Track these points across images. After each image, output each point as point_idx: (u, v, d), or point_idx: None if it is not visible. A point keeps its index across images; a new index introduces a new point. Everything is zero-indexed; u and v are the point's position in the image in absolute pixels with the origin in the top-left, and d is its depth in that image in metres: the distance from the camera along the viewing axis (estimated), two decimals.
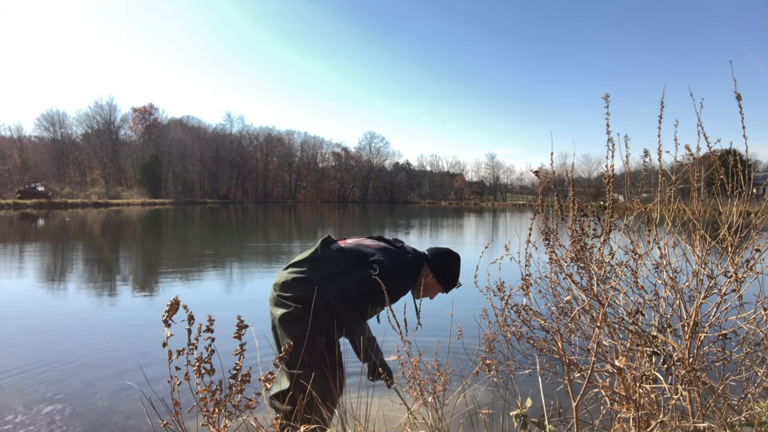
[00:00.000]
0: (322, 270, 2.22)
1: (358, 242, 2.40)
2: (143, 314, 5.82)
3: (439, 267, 2.43)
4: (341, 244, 2.36)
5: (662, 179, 1.92)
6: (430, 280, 2.43)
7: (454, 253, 2.48)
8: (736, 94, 1.64)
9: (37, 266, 9.82)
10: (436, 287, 2.46)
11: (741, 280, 1.65)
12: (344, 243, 2.39)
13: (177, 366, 1.26)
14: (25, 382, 3.56)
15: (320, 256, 2.27)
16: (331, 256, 2.27)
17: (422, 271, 2.43)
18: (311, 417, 1.97)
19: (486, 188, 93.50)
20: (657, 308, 1.87)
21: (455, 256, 2.47)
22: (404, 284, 2.34)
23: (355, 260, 2.28)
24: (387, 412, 2.51)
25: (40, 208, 38.56)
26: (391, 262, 2.28)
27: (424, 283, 2.43)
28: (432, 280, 2.43)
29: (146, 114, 72.85)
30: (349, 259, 2.28)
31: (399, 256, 2.34)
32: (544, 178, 2.01)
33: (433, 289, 2.47)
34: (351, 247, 2.34)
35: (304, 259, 2.28)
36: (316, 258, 2.27)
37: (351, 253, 2.31)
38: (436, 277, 2.43)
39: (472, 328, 2.25)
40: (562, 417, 2.06)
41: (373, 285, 2.03)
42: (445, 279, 2.43)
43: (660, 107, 1.76)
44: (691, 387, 1.60)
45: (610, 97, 1.76)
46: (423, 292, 2.45)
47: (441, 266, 2.44)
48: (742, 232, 1.73)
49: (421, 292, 2.44)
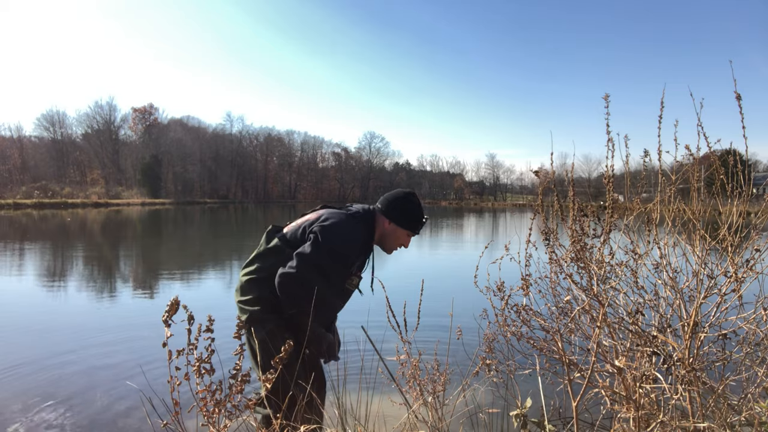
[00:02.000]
0: (272, 264, 2.10)
1: (301, 221, 2.24)
2: (143, 314, 5.82)
3: (393, 210, 2.26)
4: (285, 230, 2.24)
5: (662, 179, 1.92)
6: (388, 227, 2.27)
7: (406, 191, 2.36)
8: (736, 94, 1.64)
9: (37, 266, 9.81)
10: (399, 232, 2.28)
11: (741, 280, 1.65)
12: (288, 227, 2.25)
13: (177, 366, 1.26)
14: (25, 382, 3.56)
15: (265, 250, 2.18)
16: (275, 248, 2.16)
17: (377, 223, 2.28)
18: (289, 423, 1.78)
19: (486, 188, 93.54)
20: (657, 308, 1.87)
21: (408, 194, 2.32)
22: (353, 242, 2.16)
23: (299, 241, 2.15)
24: (387, 412, 2.50)
25: (41, 208, 38.55)
26: (331, 224, 2.12)
27: (386, 233, 2.28)
28: (391, 227, 2.27)
29: (146, 114, 72.93)
30: (293, 243, 2.15)
31: (340, 216, 2.19)
32: (544, 178, 2.01)
33: (398, 235, 2.29)
34: (293, 229, 2.20)
35: (254, 256, 2.19)
36: (261, 253, 2.18)
37: (293, 235, 2.17)
38: (394, 222, 2.26)
39: (472, 328, 2.25)
40: (562, 417, 2.06)
41: (317, 260, 1.96)
42: (403, 219, 2.26)
43: (660, 107, 1.76)
44: (691, 387, 1.60)
45: (610, 97, 1.77)
46: (391, 243, 2.30)
47: (394, 209, 2.26)
48: (742, 232, 1.73)
49: (389, 244, 2.30)
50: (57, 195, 46.89)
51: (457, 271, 9.35)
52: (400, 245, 2.33)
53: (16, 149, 61.21)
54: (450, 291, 2.51)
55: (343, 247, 2.13)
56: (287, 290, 2.02)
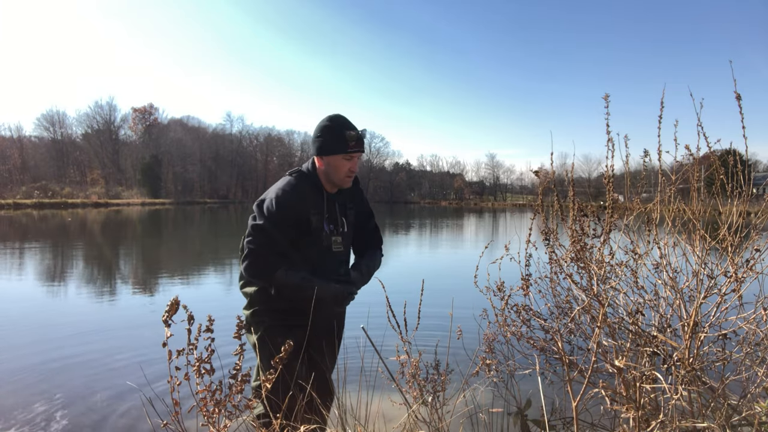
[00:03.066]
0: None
1: None
2: (143, 314, 5.82)
3: (315, 144, 2.06)
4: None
5: (662, 179, 1.92)
6: (323, 163, 2.06)
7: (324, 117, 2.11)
8: (736, 94, 1.64)
9: (37, 266, 9.81)
10: (333, 161, 2.04)
11: (741, 280, 1.65)
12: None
13: (177, 366, 1.26)
14: (25, 382, 3.56)
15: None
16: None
17: (317, 169, 2.09)
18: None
19: (486, 188, 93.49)
20: (657, 308, 1.87)
21: (324, 119, 2.08)
22: (284, 196, 1.98)
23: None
24: (387, 412, 2.50)
25: (41, 208, 38.55)
26: (264, 194, 2.04)
27: (326, 170, 2.06)
28: (325, 160, 2.05)
29: (146, 114, 72.91)
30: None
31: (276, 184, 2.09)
32: (544, 178, 2.01)
33: (336, 164, 2.05)
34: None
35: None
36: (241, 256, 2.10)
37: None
38: (322, 154, 2.04)
39: (472, 328, 2.25)
40: (562, 417, 2.06)
41: (254, 228, 1.91)
42: (327, 146, 2.03)
43: (660, 107, 1.76)
44: (691, 387, 1.60)
45: (610, 97, 1.77)
46: (335, 176, 2.06)
47: (315, 142, 2.06)
48: (742, 232, 1.73)
49: (336, 178, 2.07)
50: (57, 195, 46.88)
51: (457, 271, 9.35)
52: (347, 174, 2.07)
53: (16, 149, 61.18)
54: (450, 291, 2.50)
55: (275, 202, 1.97)
56: (248, 271, 1.96)
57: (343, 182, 2.09)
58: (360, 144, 2.05)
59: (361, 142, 2.06)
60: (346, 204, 2.19)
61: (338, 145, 2.03)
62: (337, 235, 2.10)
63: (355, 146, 2.03)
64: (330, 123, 2.06)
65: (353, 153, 2.05)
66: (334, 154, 2.04)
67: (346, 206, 2.19)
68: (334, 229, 2.12)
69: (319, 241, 2.06)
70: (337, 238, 2.10)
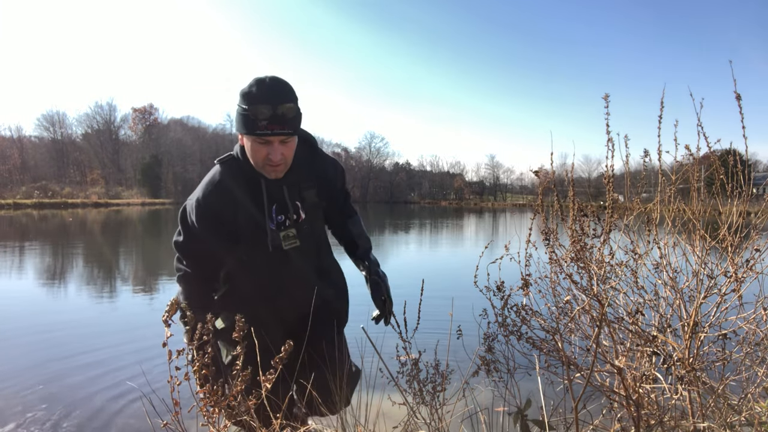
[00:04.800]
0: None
1: None
2: (143, 314, 5.82)
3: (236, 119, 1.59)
4: None
5: (662, 179, 1.92)
6: (241, 140, 1.62)
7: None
8: (736, 94, 1.64)
9: (37, 266, 9.81)
10: (246, 143, 1.58)
11: (741, 280, 1.65)
12: None
13: (177, 366, 1.26)
14: (24, 383, 3.56)
15: None
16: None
17: (238, 152, 1.67)
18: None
19: (486, 188, 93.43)
20: (657, 308, 1.87)
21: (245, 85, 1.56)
22: (203, 193, 1.62)
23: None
24: (387, 412, 2.51)
25: (41, 208, 38.54)
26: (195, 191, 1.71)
27: (249, 151, 1.58)
28: (243, 138, 1.60)
29: (146, 114, 72.88)
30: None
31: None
32: (544, 178, 2.01)
33: (248, 147, 1.57)
34: None
35: None
36: None
37: None
38: (239, 129, 1.57)
39: (472, 328, 2.25)
40: (562, 417, 2.06)
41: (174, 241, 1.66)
42: (236, 119, 1.58)
43: (660, 107, 1.76)
44: (691, 387, 1.60)
45: (610, 97, 1.76)
46: (255, 161, 1.59)
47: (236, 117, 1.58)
48: (742, 232, 1.73)
49: (256, 163, 1.60)
50: (57, 195, 46.88)
51: (457, 271, 9.35)
52: (265, 161, 1.57)
53: (16, 149, 61.16)
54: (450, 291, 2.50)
55: (195, 213, 1.61)
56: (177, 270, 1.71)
57: (265, 171, 1.59)
58: (279, 122, 1.48)
59: (280, 119, 1.48)
60: (299, 183, 1.70)
61: (246, 123, 1.51)
62: (288, 227, 1.67)
63: (267, 126, 1.47)
64: (243, 91, 1.53)
65: (264, 136, 1.50)
66: (244, 134, 1.56)
67: (299, 186, 1.70)
68: (284, 220, 1.68)
69: (262, 244, 1.64)
70: (289, 232, 1.66)
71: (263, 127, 1.49)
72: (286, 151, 1.58)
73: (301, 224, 1.71)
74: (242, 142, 1.62)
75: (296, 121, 1.56)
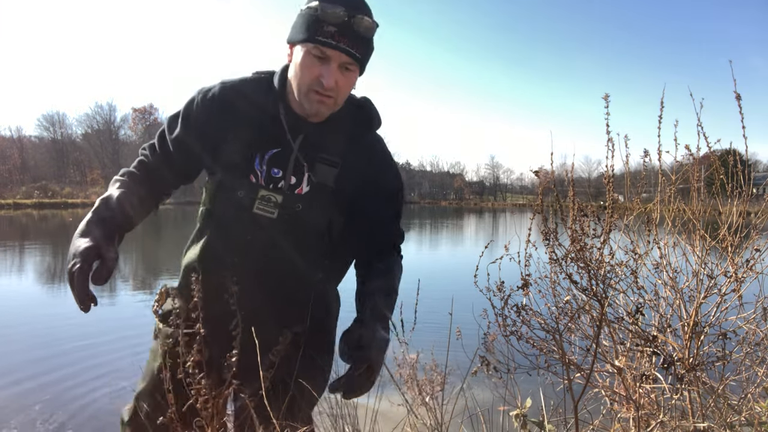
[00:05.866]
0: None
1: None
2: (143, 314, 5.82)
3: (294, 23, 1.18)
4: None
5: (662, 179, 1.91)
6: (290, 58, 1.20)
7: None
8: (736, 94, 1.63)
9: (37, 266, 9.81)
10: (297, 56, 1.16)
11: (741, 280, 1.65)
12: None
13: None
14: (23, 384, 3.56)
15: None
16: None
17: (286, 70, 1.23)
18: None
19: (486, 188, 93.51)
20: (657, 308, 1.87)
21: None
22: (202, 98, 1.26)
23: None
24: (386, 413, 2.50)
25: (41, 208, 38.55)
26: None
27: (297, 67, 1.15)
28: (292, 54, 1.19)
29: (146, 114, 72.90)
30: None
31: None
32: (544, 178, 2.01)
33: (296, 61, 1.16)
34: None
35: None
36: None
37: None
38: (294, 36, 1.16)
39: (472, 328, 2.25)
40: (562, 417, 2.06)
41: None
42: (293, 25, 1.17)
43: (660, 107, 1.76)
44: (691, 387, 1.60)
45: (610, 97, 1.76)
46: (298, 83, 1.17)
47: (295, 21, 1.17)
48: (742, 232, 1.73)
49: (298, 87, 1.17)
50: (57, 195, 46.90)
51: (457, 270, 9.35)
52: (312, 84, 1.14)
53: (16, 149, 61.17)
54: (450, 291, 2.50)
55: (184, 105, 1.28)
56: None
57: (306, 97, 1.16)
58: (350, 37, 1.11)
59: (353, 34, 1.11)
60: (327, 147, 1.24)
61: (308, 25, 1.11)
62: (274, 190, 1.20)
63: (334, 35, 1.09)
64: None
65: (326, 48, 1.10)
66: (298, 42, 1.15)
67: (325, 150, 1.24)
68: (275, 176, 1.20)
69: (231, 190, 1.20)
70: (271, 195, 1.19)
71: (329, 35, 1.10)
72: (344, 83, 1.16)
73: (293, 197, 1.21)
74: (290, 59, 1.20)
75: (368, 48, 1.19)
